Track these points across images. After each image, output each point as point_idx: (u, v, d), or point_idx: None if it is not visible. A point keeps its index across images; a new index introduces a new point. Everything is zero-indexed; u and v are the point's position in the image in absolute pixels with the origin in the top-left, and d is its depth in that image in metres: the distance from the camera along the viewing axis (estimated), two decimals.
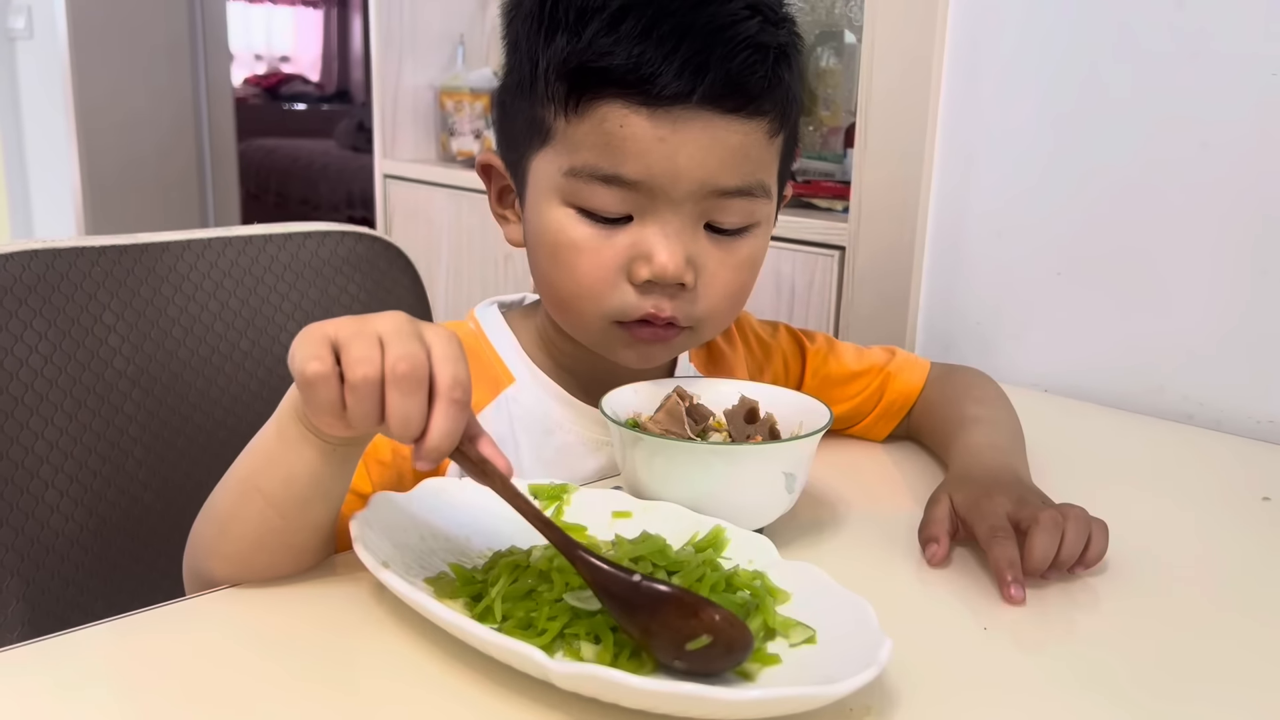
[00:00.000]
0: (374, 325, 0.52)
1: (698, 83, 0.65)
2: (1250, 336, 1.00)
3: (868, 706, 0.50)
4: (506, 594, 0.54)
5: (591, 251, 0.69)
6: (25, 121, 3.59)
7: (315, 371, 0.51)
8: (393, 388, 0.51)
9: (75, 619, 0.57)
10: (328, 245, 0.98)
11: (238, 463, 0.61)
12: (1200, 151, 1.01)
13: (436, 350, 0.52)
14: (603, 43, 0.66)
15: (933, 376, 0.89)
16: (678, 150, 0.66)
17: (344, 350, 0.52)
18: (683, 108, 0.66)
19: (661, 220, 0.68)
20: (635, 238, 0.69)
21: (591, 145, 0.67)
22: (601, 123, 0.67)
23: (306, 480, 0.58)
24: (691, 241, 0.69)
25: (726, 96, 0.66)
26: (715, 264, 0.71)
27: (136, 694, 0.51)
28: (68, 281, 0.82)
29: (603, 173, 0.68)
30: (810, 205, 1.38)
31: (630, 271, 0.69)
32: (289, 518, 0.59)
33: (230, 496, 0.61)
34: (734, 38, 0.66)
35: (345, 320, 0.53)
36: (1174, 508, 0.80)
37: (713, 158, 0.67)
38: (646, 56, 0.65)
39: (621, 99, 0.66)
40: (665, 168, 0.67)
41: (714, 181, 0.68)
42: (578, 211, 0.70)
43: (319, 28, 6.63)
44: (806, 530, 0.71)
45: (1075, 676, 0.54)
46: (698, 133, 0.66)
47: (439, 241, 1.94)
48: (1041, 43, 1.11)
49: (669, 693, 0.46)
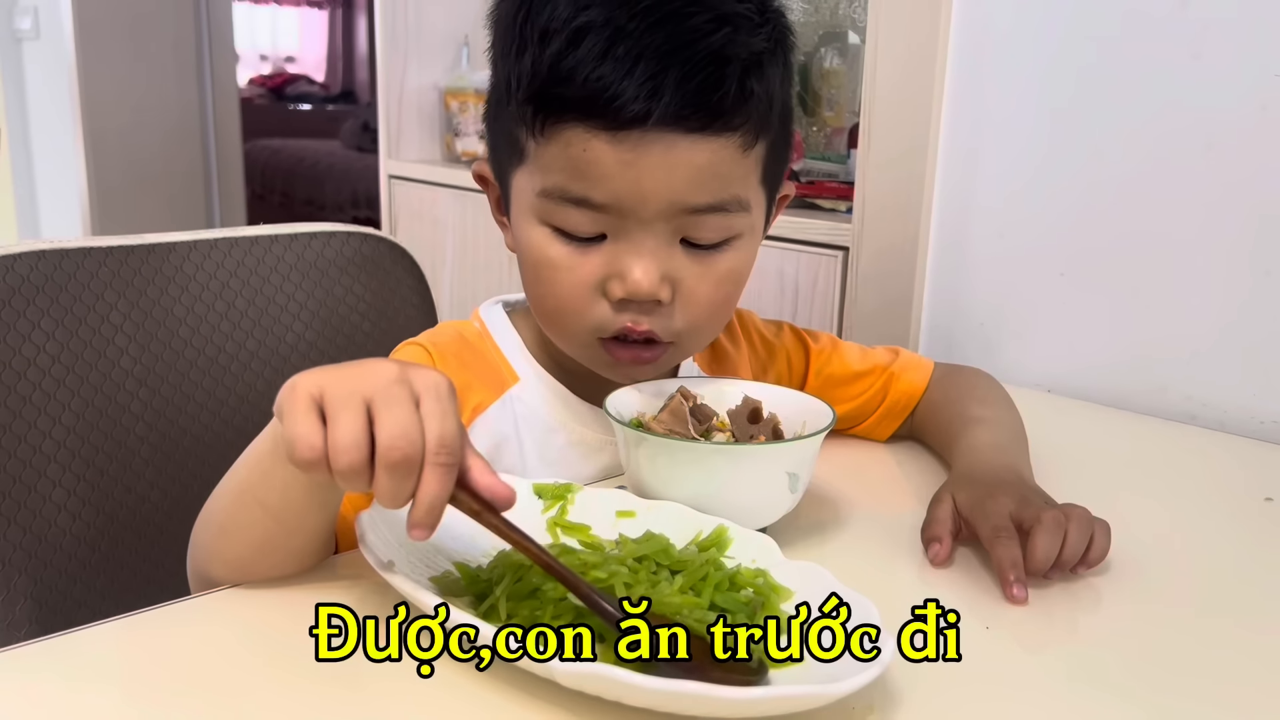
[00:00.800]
0: (362, 388, 0.50)
1: (654, 105, 0.63)
2: (1253, 337, 1.00)
3: (870, 705, 0.50)
4: (511, 593, 0.54)
5: (568, 270, 0.69)
6: (32, 122, 3.60)
7: (307, 460, 0.50)
8: (383, 472, 0.49)
9: (82, 617, 0.58)
10: (333, 245, 0.99)
11: (234, 472, 0.61)
12: (1204, 151, 1.01)
13: (424, 408, 0.50)
14: (563, 66, 0.64)
15: (936, 376, 0.90)
16: (642, 174, 0.65)
17: (332, 425, 0.49)
18: (642, 130, 0.64)
19: (634, 240, 0.67)
20: (610, 256, 0.68)
21: (559, 168, 0.67)
22: (567, 147, 0.66)
23: (303, 492, 0.57)
24: (667, 258, 0.68)
25: (687, 117, 0.64)
26: (694, 279, 0.70)
27: (143, 691, 0.51)
28: (75, 281, 0.83)
29: (572, 195, 0.67)
30: (814, 206, 1.38)
31: (605, 289, 0.69)
32: (287, 525, 0.59)
33: (228, 505, 0.61)
34: (693, 56, 0.64)
35: (331, 380, 0.51)
36: (1176, 508, 0.80)
37: (678, 179, 0.66)
38: (604, 80, 0.63)
39: (583, 123, 0.65)
40: (631, 190, 0.65)
41: (683, 201, 0.66)
42: (553, 230, 0.69)
43: (324, 28, 6.64)
44: (810, 530, 0.71)
45: (1077, 676, 0.54)
46: (661, 155, 0.65)
47: (444, 242, 1.94)
48: (1044, 43, 1.11)
49: (672, 691, 0.46)
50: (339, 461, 0.49)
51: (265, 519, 0.59)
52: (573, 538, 0.63)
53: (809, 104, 1.65)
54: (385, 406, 0.50)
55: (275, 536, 0.59)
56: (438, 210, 1.96)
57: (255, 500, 0.59)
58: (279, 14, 6.55)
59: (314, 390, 0.50)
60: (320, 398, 0.50)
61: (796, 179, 1.41)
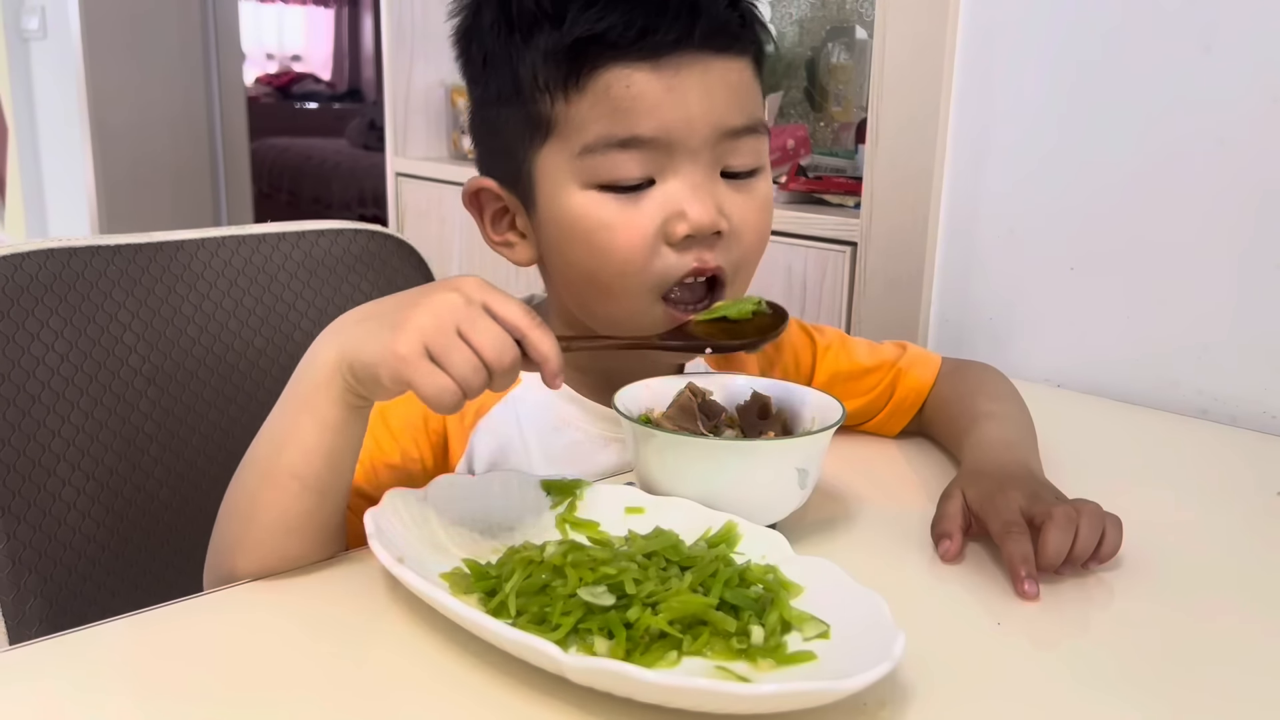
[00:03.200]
0: (448, 323, 0.57)
1: (695, 25, 0.67)
2: (1265, 331, 1.00)
3: (882, 701, 0.50)
4: (520, 589, 0.54)
5: (624, 224, 0.70)
6: (39, 121, 3.61)
7: (453, 405, 0.56)
8: (500, 376, 0.57)
9: (93, 615, 0.58)
10: (340, 243, 0.99)
11: (259, 456, 0.62)
12: (1214, 145, 1.00)
13: (492, 306, 0.58)
14: (590, 14, 0.67)
15: (944, 372, 0.89)
16: (686, 96, 0.68)
17: (449, 365, 0.56)
18: (681, 54, 0.67)
19: (683, 175, 0.69)
20: (663, 199, 0.70)
21: (600, 116, 0.68)
22: (606, 91, 0.68)
23: (347, 450, 0.62)
24: (714, 190, 0.70)
25: (717, 35, 0.68)
26: (741, 209, 0.72)
27: (153, 688, 0.51)
28: (83, 280, 0.83)
29: (618, 139, 0.68)
30: (822, 201, 1.38)
31: (667, 233, 0.70)
32: (324, 493, 0.61)
33: (253, 488, 0.62)
34: None
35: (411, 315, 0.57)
36: (1188, 503, 0.80)
37: (719, 98, 0.69)
38: (639, 11, 0.66)
39: (621, 61, 0.67)
40: (679, 116, 0.68)
41: (725, 122, 0.69)
42: (599, 190, 0.70)
43: (330, 27, 6.64)
44: (819, 526, 0.71)
45: (1089, 671, 0.54)
46: (700, 75, 0.68)
47: (450, 239, 1.94)
48: (1052, 38, 1.10)
49: (682, 687, 0.46)
50: (472, 387, 0.56)
51: (297, 490, 0.61)
52: (581, 534, 0.63)
53: (816, 99, 1.64)
54: (473, 329, 0.57)
55: (307, 508, 0.61)
56: (444, 207, 1.96)
57: (287, 473, 0.61)
58: (285, 13, 6.55)
59: (417, 346, 0.56)
60: (427, 347, 0.56)
61: (804, 174, 1.41)
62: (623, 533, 0.62)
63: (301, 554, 0.62)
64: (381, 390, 0.58)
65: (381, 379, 0.57)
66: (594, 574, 0.54)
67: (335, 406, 0.60)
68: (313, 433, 0.60)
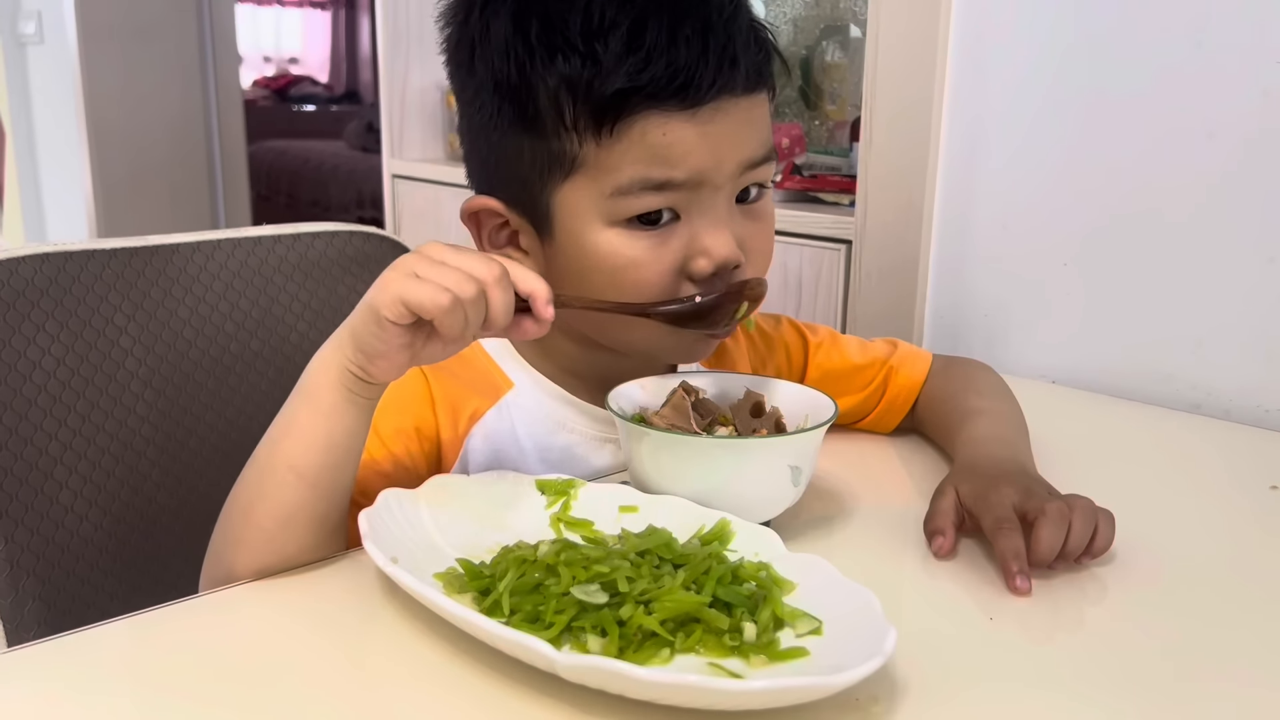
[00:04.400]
0: (434, 254, 0.59)
1: (735, 76, 0.67)
2: (1258, 325, 1.00)
3: (874, 696, 0.50)
4: (514, 588, 0.55)
5: (651, 262, 0.69)
6: (37, 125, 3.62)
7: (451, 300, 0.57)
8: (495, 289, 0.59)
9: (91, 617, 0.58)
10: (337, 245, 0.99)
11: (263, 448, 0.63)
12: (1206, 139, 1.01)
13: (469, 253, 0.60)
14: (631, 64, 0.65)
15: (935, 369, 0.89)
16: (720, 141, 0.68)
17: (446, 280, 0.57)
18: (718, 101, 0.67)
19: (705, 210, 0.69)
20: (687, 236, 0.70)
21: (634, 160, 0.67)
22: (642, 137, 0.67)
23: (344, 442, 0.62)
24: (732, 222, 0.71)
25: (749, 78, 0.69)
26: (753, 235, 0.72)
27: (152, 690, 0.51)
28: (79, 284, 0.83)
29: (653, 183, 0.68)
30: (817, 200, 1.38)
31: (690, 270, 0.70)
32: (320, 486, 0.62)
33: (252, 482, 0.63)
34: (733, 22, 0.68)
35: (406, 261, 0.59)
36: (1182, 497, 0.80)
37: (745, 135, 0.70)
38: (681, 63, 0.65)
39: (659, 109, 0.66)
40: (710, 160, 0.68)
41: (749, 157, 0.70)
42: (625, 228, 0.69)
43: (327, 29, 6.65)
44: (812, 523, 0.71)
45: (1082, 667, 0.54)
46: (731, 118, 0.68)
47: (447, 240, 1.94)
48: (1046, 34, 1.11)
49: (675, 683, 0.46)
50: (466, 290, 0.57)
51: (297, 484, 0.61)
52: (576, 533, 0.63)
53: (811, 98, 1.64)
54: (456, 257, 0.59)
55: (303, 504, 0.62)
56: (441, 210, 1.96)
57: (288, 467, 0.61)
58: (282, 15, 6.55)
59: (404, 270, 0.58)
60: (414, 271, 0.58)
61: (799, 173, 1.41)
62: (616, 531, 0.63)
63: (299, 550, 0.62)
64: (382, 335, 0.59)
65: (380, 310, 0.58)
66: (587, 572, 0.54)
67: (333, 391, 0.61)
68: (311, 422, 0.62)
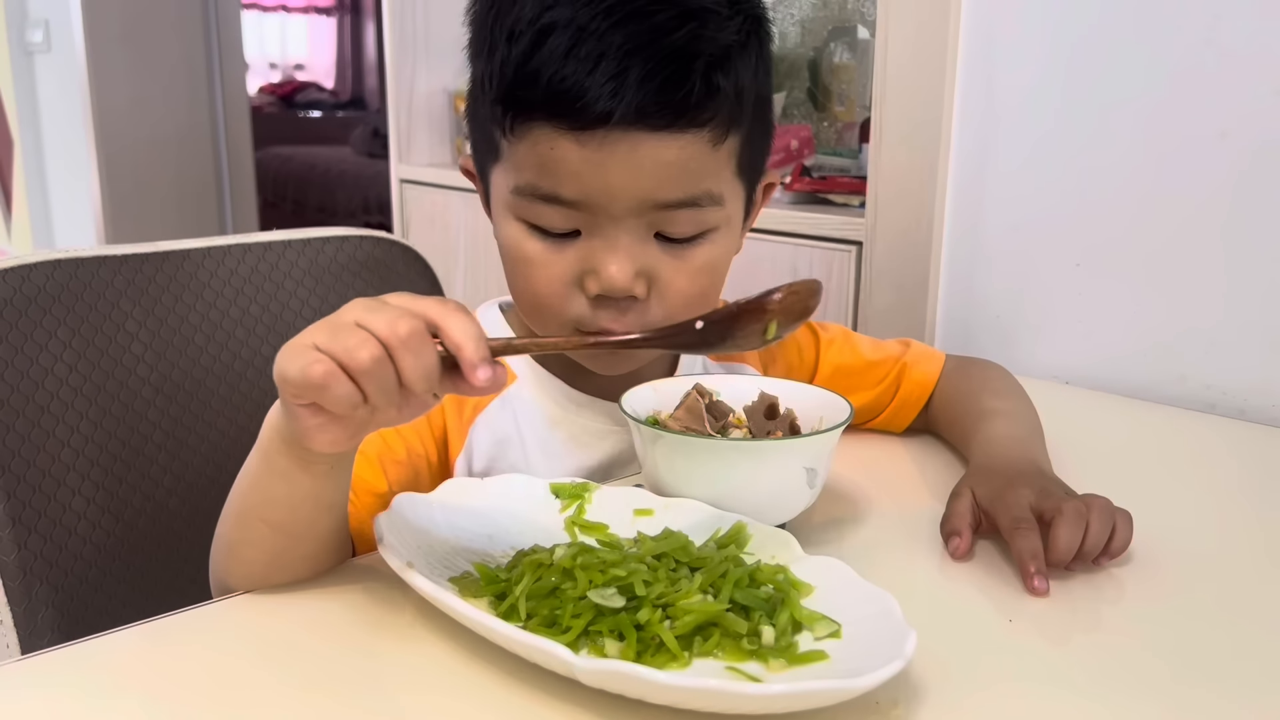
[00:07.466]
0: (344, 317, 0.52)
1: (616, 105, 0.62)
2: (1272, 323, 0.99)
3: (894, 700, 0.50)
4: (530, 592, 0.54)
5: (543, 265, 0.69)
6: (45, 134, 3.62)
7: (325, 370, 0.50)
8: (403, 351, 0.50)
9: (103, 624, 0.58)
10: (346, 249, 0.99)
11: (232, 496, 0.62)
12: (1218, 140, 1.00)
13: (403, 302, 0.52)
14: (529, 66, 0.64)
15: (948, 369, 0.89)
16: (609, 172, 0.65)
17: (334, 346, 0.50)
18: (606, 130, 0.63)
19: (607, 235, 0.67)
20: (585, 252, 0.68)
21: (529, 166, 0.67)
22: (535, 145, 0.66)
23: (308, 502, 0.59)
24: (641, 253, 0.68)
25: (652, 115, 0.63)
26: (670, 272, 0.69)
27: (165, 696, 0.51)
28: (89, 290, 0.83)
29: (542, 193, 0.67)
30: (826, 201, 1.37)
31: (582, 285, 0.69)
32: (295, 535, 0.60)
33: (234, 527, 0.62)
34: (655, 54, 0.63)
35: (312, 328, 0.52)
36: (1198, 497, 0.80)
37: (645, 177, 0.65)
38: (567, 81, 0.63)
39: (549, 122, 0.64)
40: (599, 188, 0.65)
41: (652, 198, 0.66)
42: (528, 226, 0.69)
43: (333, 35, 6.66)
44: (828, 525, 0.71)
45: (1101, 667, 0.54)
46: (626, 154, 0.64)
47: (455, 244, 1.94)
48: (1054, 34, 1.10)
49: (694, 688, 0.46)
50: (356, 358, 0.50)
51: (272, 535, 0.59)
52: (591, 536, 0.63)
53: (819, 99, 1.64)
54: (371, 316, 0.51)
55: (285, 549, 0.60)
56: (449, 214, 1.96)
57: (258, 519, 0.60)
58: (288, 22, 6.57)
59: (304, 341, 0.51)
60: (314, 342, 0.51)
61: (808, 174, 1.41)
62: (632, 535, 0.62)
63: (288, 579, 0.61)
64: (292, 413, 0.53)
65: (283, 392, 0.52)
66: (604, 576, 0.54)
67: (283, 457, 0.57)
68: (269, 483, 0.58)
